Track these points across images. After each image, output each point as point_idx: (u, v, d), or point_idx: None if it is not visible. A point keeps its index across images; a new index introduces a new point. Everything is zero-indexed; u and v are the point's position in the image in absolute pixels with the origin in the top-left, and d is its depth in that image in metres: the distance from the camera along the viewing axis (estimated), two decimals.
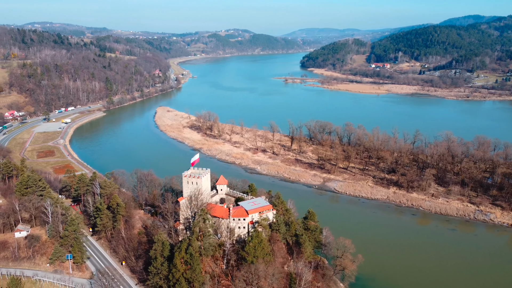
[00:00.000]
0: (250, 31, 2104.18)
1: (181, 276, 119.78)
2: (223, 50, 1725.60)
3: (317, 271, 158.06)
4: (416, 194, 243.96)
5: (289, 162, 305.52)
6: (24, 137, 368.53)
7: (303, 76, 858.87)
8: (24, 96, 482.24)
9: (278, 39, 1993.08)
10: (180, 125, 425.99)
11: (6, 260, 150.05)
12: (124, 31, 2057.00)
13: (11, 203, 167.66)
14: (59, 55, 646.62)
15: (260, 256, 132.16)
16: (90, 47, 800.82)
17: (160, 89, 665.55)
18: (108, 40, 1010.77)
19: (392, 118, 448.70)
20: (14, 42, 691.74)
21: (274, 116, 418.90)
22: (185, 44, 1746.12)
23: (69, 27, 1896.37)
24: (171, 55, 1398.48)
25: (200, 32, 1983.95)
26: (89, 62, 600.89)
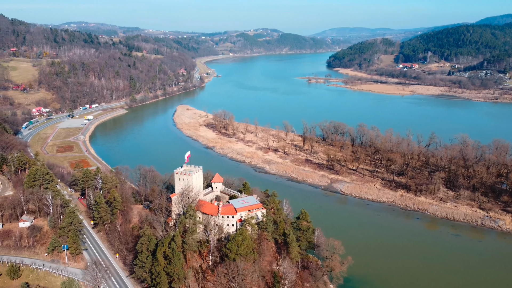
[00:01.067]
0: (279, 31, 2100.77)
1: (162, 270, 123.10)
2: (250, 50, 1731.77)
3: (306, 271, 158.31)
4: (424, 198, 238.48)
5: (299, 162, 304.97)
6: (48, 132, 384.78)
7: (327, 76, 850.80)
8: (51, 93, 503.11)
9: (307, 38, 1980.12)
10: (197, 123, 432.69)
11: (9, 248, 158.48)
12: (155, 31, 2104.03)
13: (17, 194, 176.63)
14: (88, 54, 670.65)
15: (243, 253, 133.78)
16: (118, 46, 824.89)
17: (182, 88, 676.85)
18: (137, 40, 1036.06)
19: (411, 119, 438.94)
20: (46, 41, 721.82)
21: (291, 116, 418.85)
22: (213, 43, 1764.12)
23: (103, 27, 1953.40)
24: (199, 54, 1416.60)
25: (229, 32, 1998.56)
26: (114, 61, 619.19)
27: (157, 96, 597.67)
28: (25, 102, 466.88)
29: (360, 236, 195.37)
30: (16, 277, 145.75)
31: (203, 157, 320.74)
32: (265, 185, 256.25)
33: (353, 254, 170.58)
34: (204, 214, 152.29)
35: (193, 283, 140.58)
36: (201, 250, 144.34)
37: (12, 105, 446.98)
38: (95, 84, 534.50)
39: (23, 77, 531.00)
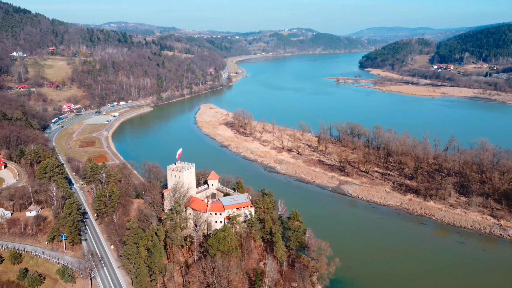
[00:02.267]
0: (314, 30, 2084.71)
1: (143, 262, 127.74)
2: (283, 49, 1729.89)
3: (295, 271, 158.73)
4: (433, 203, 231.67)
5: (311, 163, 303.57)
6: (74, 128, 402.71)
7: (357, 76, 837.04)
8: (82, 91, 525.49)
9: (341, 38, 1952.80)
10: (217, 122, 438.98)
11: (14, 236, 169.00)
12: (191, 30, 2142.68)
13: (27, 186, 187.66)
14: (120, 53, 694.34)
15: (224, 250, 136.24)
16: (150, 46, 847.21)
17: (209, 87, 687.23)
18: (170, 39, 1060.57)
19: (436, 122, 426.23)
20: (82, 40, 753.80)
21: (311, 116, 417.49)
22: (246, 43, 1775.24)
23: (142, 27, 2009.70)
24: (231, 53, 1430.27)
25: (263, 31, 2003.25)
26: (144, 60, 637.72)
27: (183, 95, 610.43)
28: (57, 98, 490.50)
29: (358, 239, 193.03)
30: (17, 262, 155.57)
31: (217, 155, 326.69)
32: (273, 185, 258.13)
33: (347, 257, 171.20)
34: (194, 210, 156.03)
35: (178, 276, 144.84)
36: (186, 245, 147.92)
37: (45, 101, 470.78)
38: (123, 82, 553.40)
39: (58, 75, 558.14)
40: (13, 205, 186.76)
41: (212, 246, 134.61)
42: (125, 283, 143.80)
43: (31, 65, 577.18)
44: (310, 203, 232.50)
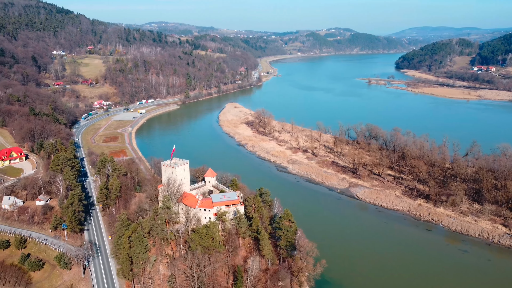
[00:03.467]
0: (352, 30, 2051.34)
1: (126, 252, 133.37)
2: (319, 49, 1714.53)
3: (282, 270, 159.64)
4: (443, 209, 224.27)
5: (324, 164, 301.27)
6: (102, 123, 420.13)
7: (390, 77, 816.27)
8: (113, 88, 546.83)
9: (380, 38, 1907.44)
10: (238, 121, 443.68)
11: (22, 223, 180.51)
12: (228, 30, 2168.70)
13: (39, 176, 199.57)
14: (154, 52, 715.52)
15: (206, 244, 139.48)
16: (184, 45, 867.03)
17: (238, 86, 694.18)
18: (204, 39, 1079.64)
19: (464, 126, 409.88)
20: (119, 40, 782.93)
21: (334, 117, 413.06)
22: (282, 43, 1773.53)
23: (181, 27, 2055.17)
24: (266, 53, 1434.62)
25: (300, 31, 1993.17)
26: (174, 59, 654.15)
27: (211, 94, 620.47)
28: (89, 95, 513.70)
29: (355, 242, 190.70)
30: (22, 248, 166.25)
31: (231, 154, 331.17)
32: (281, 185, 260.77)
33: (341, 259, 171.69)
34: (185, 205, 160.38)
35: (164, 269, 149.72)
36: (175, 238, 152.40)
37: (78, 98, 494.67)
38: (153, 80, 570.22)
39: (92, 73, 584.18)
40: (26, 195, 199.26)
41: (194, 240, 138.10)
42: (115, 272, 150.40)
43: (69, 63, 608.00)
44: (313, 204, 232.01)
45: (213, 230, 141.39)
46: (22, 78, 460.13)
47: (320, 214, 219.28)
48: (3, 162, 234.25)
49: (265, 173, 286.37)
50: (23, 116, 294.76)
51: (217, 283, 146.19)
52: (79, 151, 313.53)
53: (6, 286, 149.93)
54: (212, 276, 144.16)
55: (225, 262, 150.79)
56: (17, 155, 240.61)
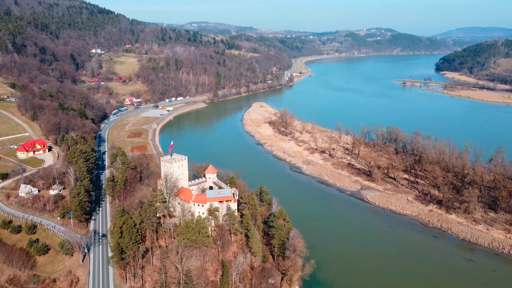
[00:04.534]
0: (394, 30, 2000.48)
1: (116, 242, 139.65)
2: (358, 50, 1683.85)
3: (273, 268, 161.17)
4: (455, 216, 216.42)
5: (339, 165, 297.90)
6: (130, 120, 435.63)
7: (427, 79, 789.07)
8: (145, 86, 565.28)
9: (422, 39, 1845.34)
10: (262, 120, 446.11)
11: (35, 210, 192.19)
12: (267, 30, 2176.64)
13: (53, 167, 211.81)
14: (187, 51, 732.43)
15: (192, 238, 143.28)
16: (218, 45, 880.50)
17: (268, 86, 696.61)
18: (240, 39, 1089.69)
19: (496, 131, 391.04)
20: (155, 39, 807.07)
21: (357, 118, 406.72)
22: (320, 43, 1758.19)
23: (220, 26, 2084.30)
24: (302, 53, 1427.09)
25: (340, 31, 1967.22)
26: (205, 58, 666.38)
27: (240, 93, 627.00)
28: (122, 92, 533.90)
29: (354, 244, 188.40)
30: (32, 233, 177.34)
31: (248, 152, 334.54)
32: (291, 184, 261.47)
33: (337, 261, 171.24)
34: (181, 200, 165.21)
35: (156, 260, 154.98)
36: (170, 231, 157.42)
37: (111, 94, 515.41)
38: (183, 79, 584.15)
39: (126, 71, 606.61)
40: (43, 184, 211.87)
41: (181, 233, 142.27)
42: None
43: (106, 61, 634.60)
44: (318, 205, 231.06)
45: (201, 225, 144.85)
46: (60, 74, 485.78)
47: (323, 216, 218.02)
48: (28, 153, 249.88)
49: (277, 173, 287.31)
50: (52, 110, 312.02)
51: (205, 276, 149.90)
52: (103, 145, 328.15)
53: (13, 268, 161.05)
54: (199, 269, 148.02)
55: (215, 257, 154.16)
56: (40, 147, 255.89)
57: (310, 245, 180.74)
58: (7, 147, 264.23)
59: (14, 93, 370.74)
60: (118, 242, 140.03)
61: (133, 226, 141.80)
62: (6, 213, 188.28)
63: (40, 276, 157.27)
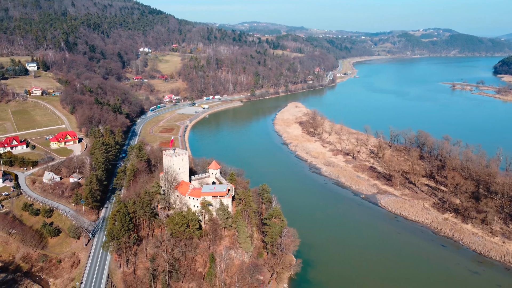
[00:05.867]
0: (453, 31, 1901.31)
1: (110, 229, 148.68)
2: (411, 51, 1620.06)
3: (265, 265, 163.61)
4: (471, 226, 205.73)
5: (360, 168, 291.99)
6: (166, 116, 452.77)
7: (479, 82, 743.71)
8: (185, 84, 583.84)
9: (483, 40, 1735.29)
10: (293, 120, 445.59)
11: (54, 195, 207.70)
12: (318, 30, 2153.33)
13: (74, 159, 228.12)
14: (230, 50, 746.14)
15: (181, 230, 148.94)
16: (262, 45, 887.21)
17: (307, 86, 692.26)
18: (286, 39, 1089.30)
19: None
20: (201, 39, 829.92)
21: (391, 121, 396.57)
22: (372, 43, 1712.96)
23: (271, 26, 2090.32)
24: (351, 54, 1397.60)
25: (394, 32, 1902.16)
26: (245, 58, 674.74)
27: (278, 93, 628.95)
28: (162, 89, 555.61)
29: (354, 248, 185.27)
30: (48, 216, 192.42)
31: (270, 152, 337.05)
32: (305, 184, 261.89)
33: (334, 263, 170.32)
34: (179, 193, 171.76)
35: (151, 248, 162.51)
36: (162, 223, 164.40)
37: (152, 91, 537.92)
38: (221, 77, 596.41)
39: (169, 69, 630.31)
40: (67, 172, 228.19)
41: (169, 223, 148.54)
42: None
43: (151, 59, 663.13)
44: (326, 207, 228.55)
45: (189, 217, 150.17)
46: (105, 71, 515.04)
47: (329, 217, 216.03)
48: (59, 143, 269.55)
49: (295, 173, 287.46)
50: (89, 104, 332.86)
51: (193, 267, 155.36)
52: (134, 138, 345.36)
53: (27, 246, 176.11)
54: (187, 260, 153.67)
55: (206, 250, 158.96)
56: (71, 138, 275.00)
57: (309, 245, 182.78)
58: (44, 137, 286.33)
59: (59, 88, 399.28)
60: (111, 229, 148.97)
61: (126, 214, 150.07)
62: (29, 197, 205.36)
63: (48, 256, 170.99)
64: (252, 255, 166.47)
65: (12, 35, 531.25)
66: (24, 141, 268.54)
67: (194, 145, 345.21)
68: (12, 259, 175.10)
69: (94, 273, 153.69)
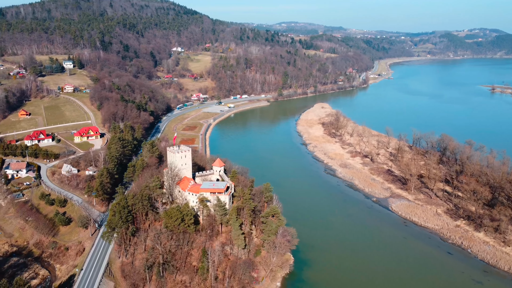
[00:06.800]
0: (501, 31, 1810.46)
1: (110, 219, 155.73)
2: (454, 52, 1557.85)
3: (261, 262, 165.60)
4: (483, 235, 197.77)
5: (377, 171, 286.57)
6: (191, 114, 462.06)
7: None
8: (214, 83, 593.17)
9: None
10: (316, 121, 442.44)
11: (70, 187, 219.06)
12: (357, 30, 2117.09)
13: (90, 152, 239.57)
14: (262, 50, 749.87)
15: (175, 224, 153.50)
16: (295, 45, 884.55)
17: (337, 87, 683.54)
18: (320, 39, 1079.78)
19: None
20: (233, 38, 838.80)
21: (418, 123, 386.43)
22: (412, 44, 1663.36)
23: (309, 26, 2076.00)
24: (389, 55, 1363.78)
25: (437, 32, 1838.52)
26: (275, 58, 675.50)
27: (306, 93, 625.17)
28: (191, 88, 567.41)
29: (354, 251, 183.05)
30: (62, 206, 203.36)
31: (288, 152, 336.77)
32: (317, 186, 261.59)
33: (330, 264, 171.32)
34: (180, 188, 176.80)
35: (150, 240, 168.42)
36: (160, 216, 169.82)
37: (181, 90, 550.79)
38: (249, 77, 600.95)
39: (199, 68, 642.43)
40: (84, 165, 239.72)
41: (164, 217, 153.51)
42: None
43: (183, 59, 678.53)
44: (334, 208, 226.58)
45: (184, 212, 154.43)
46: (137, 70, 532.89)
47: (334, 219, 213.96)
48: (82, 138, 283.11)
49: (308, 173, 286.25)
50: (114, 101, 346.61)
51: (188, 261, 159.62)
52: (156, 135, 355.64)
53: (41, 233, 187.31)
54: (183, 254, 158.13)
55: (202, 245, 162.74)
56: (93, 133, 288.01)
57: (310, 246, 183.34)
58: (69, 131, 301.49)
59: (90, 85, 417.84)
60: (111, 220, 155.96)
61: (125, 206, 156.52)
62: (47, 187, 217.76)
63: (58, 243, 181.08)
64: (251, 253, 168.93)
65: (53, 35, 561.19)
66: (51, 135, 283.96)
67: (215, 143, 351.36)
68: (26, 244, 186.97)
69: (95, 261, 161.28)
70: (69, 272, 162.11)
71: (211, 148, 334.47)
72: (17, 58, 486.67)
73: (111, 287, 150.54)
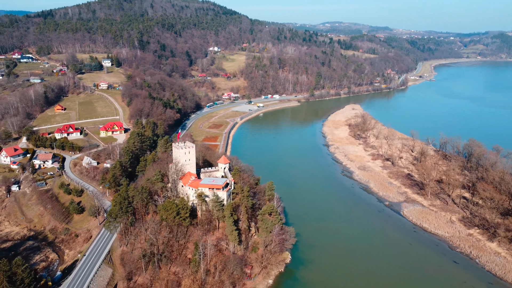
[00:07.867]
0: None
1: (111, 210, 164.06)
2: (507, 53, 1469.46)
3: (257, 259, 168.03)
4: (496, 245, 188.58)
5: (395, 175, 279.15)
6: (219, 112, 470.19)
7: None
8: (246, 82, 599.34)
9: None
10: (343, 122, 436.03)
11: (88, 178, 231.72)
12: (404, 30, 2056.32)
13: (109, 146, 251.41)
14: (298, 50, 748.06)
15: (170, 217, 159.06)
16: (333, 45, 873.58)
17: (373, 89, 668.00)
18: (361, 39, 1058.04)
19: None
20: (270, 38, 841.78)
21: (450, 127, 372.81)
22: (461, 45, 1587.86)
23: (354, 26, 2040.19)
24: (435, 56, 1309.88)
25: (490, 32, 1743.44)
26: (309, 58, 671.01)
27: (339, 94, 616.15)
28: (223, 87, 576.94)
29: (355, 253, 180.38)
30: (78, 196, 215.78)
31: (309, 152, 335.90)
32: (330, 187, 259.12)
33: (328, 265, 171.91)
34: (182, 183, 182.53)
35: (150, 232, 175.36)
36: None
37: (214, 89, 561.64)
38: (281, 77, 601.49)
39: (233, 68, 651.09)
40: (104, 158, 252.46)
41: (161, 210, 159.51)
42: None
43: (218, 58, 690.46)
44: (342, 211, 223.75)
45: (180, 206, 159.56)
46: (171, 69, 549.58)
47: (341, 221, 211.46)
48: (107, 132, 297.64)
49: (324, 174, 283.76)
50: (143, 98, 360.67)
51: (183, 254, 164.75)
52: (181, 132, 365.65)
53: (56, 220, 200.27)
54: (180, 246, 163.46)
55: (198, 238, 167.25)
56: (118, 128, 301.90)
57: (310, 246, 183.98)
58: (97, 126, 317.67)
59: (124, 82, 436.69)
60: (112, 210, 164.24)
61: (125, 198, 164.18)
62: (68, 177, 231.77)
63: (69, 230, 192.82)
64: (248, 249, 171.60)
65: (95, 34, 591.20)
66: (79, 128, 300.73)
67: (237, 142, 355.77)
68: (43, 229, 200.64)
69: (97, 249, 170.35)
70: (74, 257, 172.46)
71: (233, 147, 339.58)
72: (61, 56, 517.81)
73: (109, 273, 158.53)
